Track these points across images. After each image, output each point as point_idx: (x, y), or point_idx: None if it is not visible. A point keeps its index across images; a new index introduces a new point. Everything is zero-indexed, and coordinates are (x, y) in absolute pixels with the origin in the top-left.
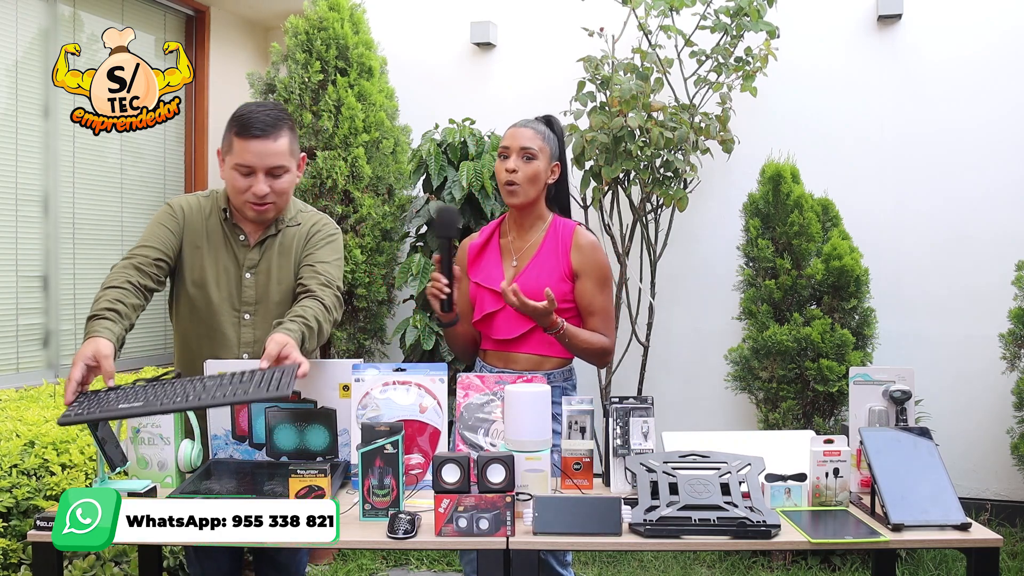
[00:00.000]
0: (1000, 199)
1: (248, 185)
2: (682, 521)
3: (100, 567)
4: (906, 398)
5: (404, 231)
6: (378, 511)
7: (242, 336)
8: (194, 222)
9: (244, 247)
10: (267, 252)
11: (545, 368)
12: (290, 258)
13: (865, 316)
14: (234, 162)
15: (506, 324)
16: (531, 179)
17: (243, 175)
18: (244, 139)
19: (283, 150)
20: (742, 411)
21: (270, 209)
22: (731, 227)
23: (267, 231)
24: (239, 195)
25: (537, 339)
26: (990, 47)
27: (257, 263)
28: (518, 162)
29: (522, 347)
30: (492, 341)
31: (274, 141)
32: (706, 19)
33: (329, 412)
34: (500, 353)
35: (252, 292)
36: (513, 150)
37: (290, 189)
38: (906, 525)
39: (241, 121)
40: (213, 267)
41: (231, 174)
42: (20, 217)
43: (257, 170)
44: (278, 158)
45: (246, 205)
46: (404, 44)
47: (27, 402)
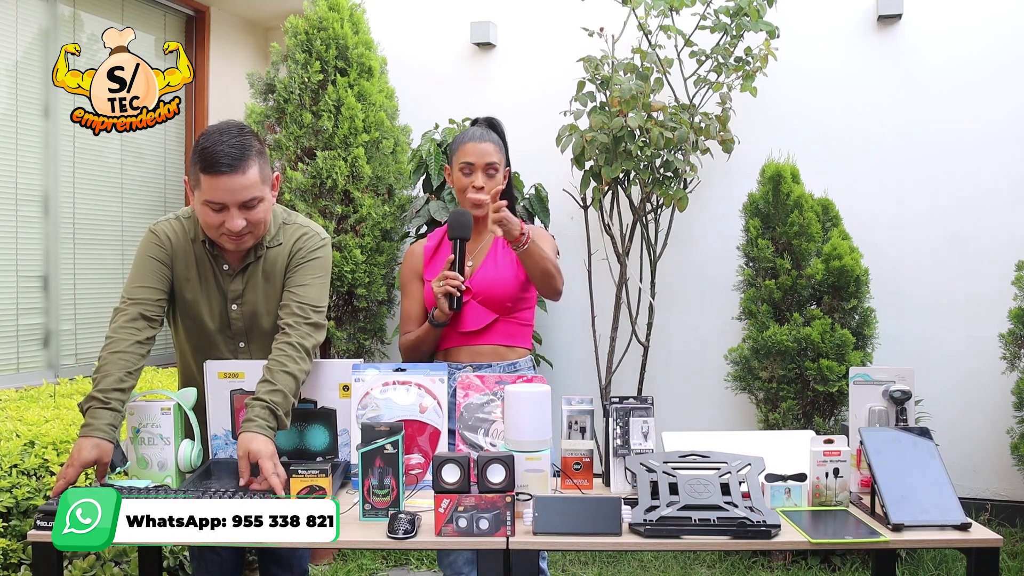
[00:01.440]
0: (1000, 199)
1: (221, 220)
2: (682, 521)
3: (100, 567)
4: (906, 398)
5: (404, 231)
6: (378, 511)
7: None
8: (180, 251)
9: (228, 276)
10: (250, 281)
11: (510, 358)
12: (275, 283)
13: (865, 316)
14: (204, 199)
15: (472, 316)
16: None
17: (215, 211)
18: (211, 176)
19: (254, 181)
20: (742, 411)
21: (247, 239)
22: (731, 227)
23: (246, 258)
24: (213, 230)
25: (500, 329)
26: (990, 47)
27: (242, 294)
28: (484, 179)
29: (487, 338)
30: (458, 335)
31: (243, 174)
32: (706, 19)
33: (329, 412)
34: (466, 347)
35: (241, 324)
36: (478, 167)
37: (267, 216)
38: (906, 525)
39: (205, 156)
40: (204, 298)
41: (202, 209)
42: (20, 217)
43: (229, 206)
44: (249, 191)
45: (222, 238)
46: (404, 44)
47: (27, 402)
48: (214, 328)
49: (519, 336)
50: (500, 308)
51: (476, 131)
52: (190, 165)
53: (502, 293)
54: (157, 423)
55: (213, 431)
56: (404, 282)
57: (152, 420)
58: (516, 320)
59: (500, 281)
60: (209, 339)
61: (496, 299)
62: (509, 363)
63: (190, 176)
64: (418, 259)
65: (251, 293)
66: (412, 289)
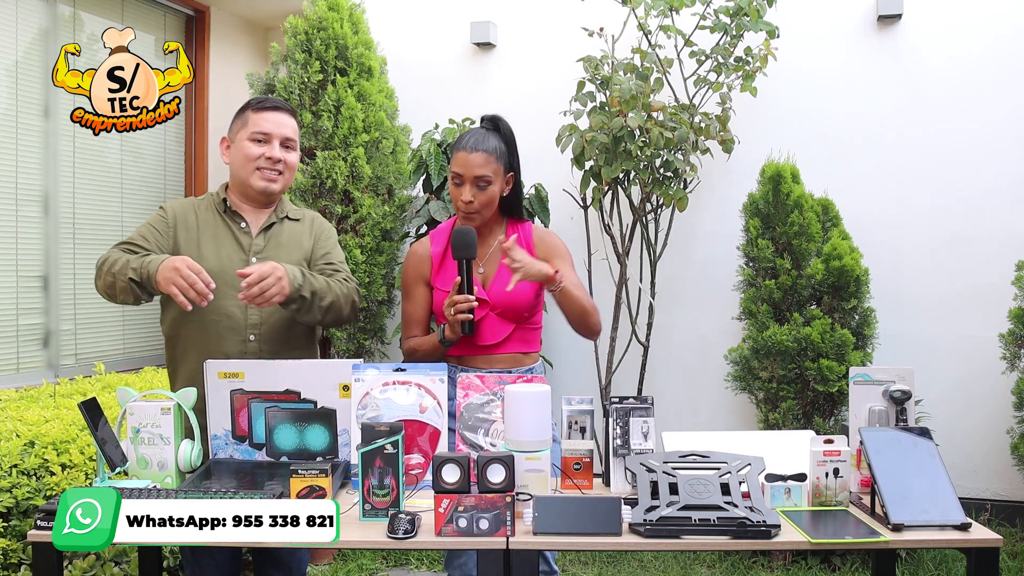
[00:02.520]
0: (1000, 199)
1: (261, 152)
2: (682, 521)
3: (100, 567)
4: (906, 398)
5: (404, 231)
6: (378, 511)
7: (249, 318)
8: (187, 218)
9: (246, 234)
10: (272, 240)
11: (526, 364)
12: (293, 251)
13: (865, 316)
14: (250, 132)
15: (491, 330)
16: (487, 204)
17: (258, 143)
18: (261, 111)
19: (295, 128)
20: (742, 411)
21: (278, 180)
22: (731, 227)
23: (269, 219)
24: (250, 163)
25: (517, 337)
26: (990, 48)
27: (263, 249)
28: (473, 191)
29: (503, 349)
30: (474, 347)
31: (289, 116)
32: (706, 19)
33: (329, 412)
34: (481, 356)
35: None
36: (467, 179)
37: (295, 168)
38: (906, 525)
39: (258, 99)
40: (215, 256)
41: (243, 145)
42: (20, 217)
43: (273, 137)
44: (291, 131)
45: (255, 173)
46: (404, 44)
47: (27, 402)
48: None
49: (533, 340)
50: (518, 318)
51: (471, 138)
52: (235, 119)
53: (520, 304)
54: (157, 423)
55: (213, 431)
56: (407, 284)
57: (152, 420)
58: (530, 326)
59: (518, 292)
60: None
61: (515, 310)
62: (525, 368)
63: (233, 128)
64: (424, 263)
65: (271, 251)
66: (416, 293)
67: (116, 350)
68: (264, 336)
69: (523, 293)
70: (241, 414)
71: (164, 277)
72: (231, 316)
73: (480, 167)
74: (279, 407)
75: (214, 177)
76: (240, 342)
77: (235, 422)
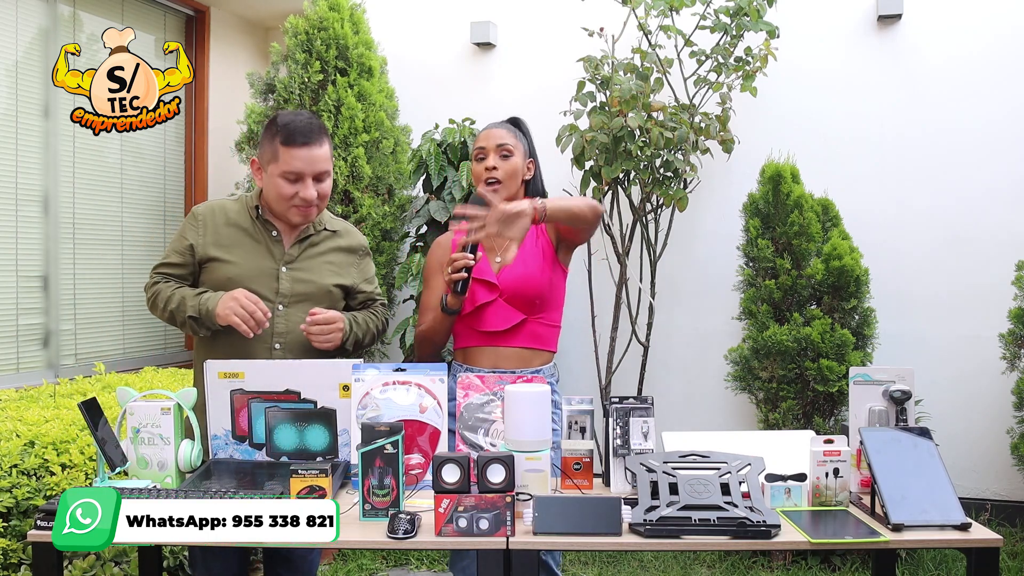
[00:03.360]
0: (1000, 199)
1: (295, 191)
2: (682, 521)
3: (100, 567)
4: (906, 398)
5: (404, 231)
6: (378, 511)
7: (276, 327)
8: (217, 224)
9: (278, 243)
10: (305, 251)
11: (535, 364)
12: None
13: (865, 316)
14: (281, 170)
15: (497, 316)
16: (511, 174)
17: (290, 182)
18: (292, 147)
19: (327, 155)
20: (742, 411)
21: (314, 211)
22: (731, 227)
23: (306, 231)
24: (285, 201)
25: (527, 331)
26: (990, 48)
27: (295, 259)
28: (496, 160)
29: (512, 340)
30: (480, 335)
31: (320, 147)
32: (706, 19)
33: (329, 412)
34: (488, 348)
35: (288, 285)
36: (490, 149)
37: (329, 194)
38: (906, 525)
39: (287, 130)
40: (245, 262)
41: (276, 182)
42: (20, 217)
43: (306, 176)
44: (324, 163)
45: (291, 211)
46: (404, 44)
47: (27, 402)
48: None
49: (546, 339)
50: (528, 307)
51: (492, 123)
52: (264, 142)
53: (531, 289)
54: (157, 423)
55: (213, 431)
56: (428, 273)
57: (152, 420)
58: (543, 321)
59: (528, 277)
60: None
61: (524, 296)
62: (533, 370)
63: (263, 153)
64: (444, 251)
65: (304, 262)
66: (435, 282)
67: (116, 350)
68: (288, 345)
69: (534, 278)
70: (241, 414)
71: (224, 311)
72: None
73: (502, 137)
74: (279, 407)
75: (214, 177)
76: (266, 349)
77: (235, 422)
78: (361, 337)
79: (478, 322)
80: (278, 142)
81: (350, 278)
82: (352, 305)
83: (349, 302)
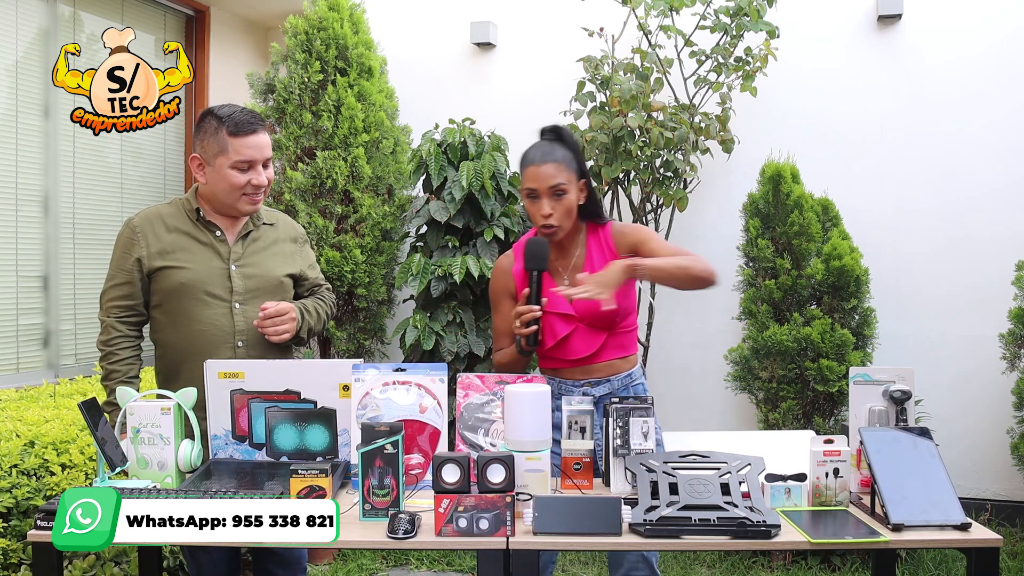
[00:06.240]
0: (1000, 199)
1: (247, 180)
2: (682, 521)
3: (100, 567)
4: (906, 398)
5: (404, 231)
6: (378, 511)
7: (236, 324)
8: (158, 232)
9: (223, 242)
10: (249, 247)
11: (624, 369)
12: (271, 256)
13: (865, 316)
14: (232, 160)
15: (580, 343)
16: (567, 214)
17: (242, 171)
18: (240, 136)
19: (269, 142)
20: (742, 411)
21: (261, 199)
22: (731, 227)
23: (246, 227)
24: (236, 191)
25: (612, 345)
26: (990, 48)
27: (241, 256)
28: (551, 203)
29: (598, 359)
30: (567, 361)
31: (264, 134)
32: (706, 19)
33: (329, 412)
34: (580, 368)
35: (241, 282)
36: (542, 192)
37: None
38: (906, 525)
39: (233, 121)
40: (196, 265)
41: (227, 173)
42: (20, 217)
43: (256, 162)
44: (269, 149)
45: (242, 200)
46: (404, 44)
47: (27, 402)
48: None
49: (629, 344)
50: (607, 325)
51: (538, 151)
52: (206, 137)
53: (608, 311)
54: (157, 423)
55: (213, 431)
56: (494, 299)
57: (152, 420)
58: (623, 329)
59: (603, 305)
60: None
61: (603, 318)
62: (624, 374)
63: (207, 148)
64: (508, 279)
65: (251, 257)
66: (503, 307)
67: None
68: (251, 342)
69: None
70: (241, 414)
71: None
72: (218, 324)
73: (553, 176)
74: (279, 407)
75: None
76: (229, 348)
77: (235, 422)
78: (313, 324)
79: (563, 352)
80: (224, 134)
81: (296, 266)
82: (300, 293)
83: (297, 290)
